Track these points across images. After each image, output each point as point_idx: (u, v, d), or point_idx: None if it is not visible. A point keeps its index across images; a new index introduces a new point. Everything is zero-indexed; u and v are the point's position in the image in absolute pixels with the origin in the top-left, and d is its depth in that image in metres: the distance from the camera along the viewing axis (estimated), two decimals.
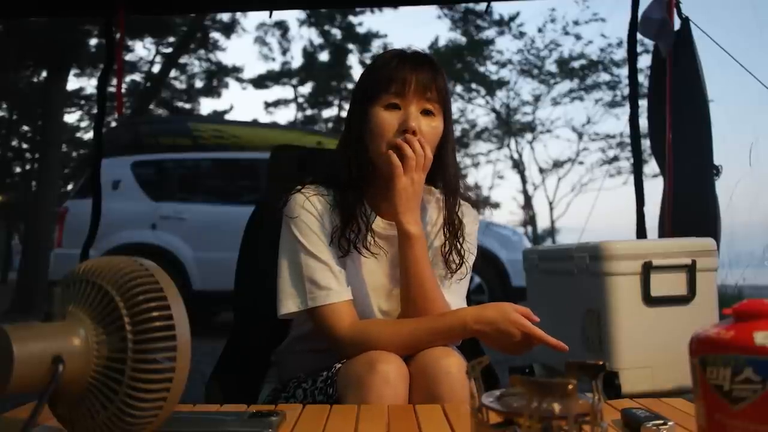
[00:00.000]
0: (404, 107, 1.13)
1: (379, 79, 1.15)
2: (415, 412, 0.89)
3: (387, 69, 1.15)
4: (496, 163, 22.28)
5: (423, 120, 1.14)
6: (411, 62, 1.15)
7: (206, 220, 5.58)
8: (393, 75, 1.13)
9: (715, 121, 2.45)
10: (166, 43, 13.26)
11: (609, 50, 14.26)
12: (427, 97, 1.14)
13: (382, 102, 1.14)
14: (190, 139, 6.31)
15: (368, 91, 1.17)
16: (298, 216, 1.15)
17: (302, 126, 17.27)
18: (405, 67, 1.14)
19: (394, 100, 1.13)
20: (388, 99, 1.14)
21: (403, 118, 1.12)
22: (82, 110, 15.63)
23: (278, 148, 1.54)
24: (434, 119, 1.15)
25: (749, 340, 0.52)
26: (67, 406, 0.66)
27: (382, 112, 1.14)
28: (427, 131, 1.13)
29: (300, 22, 17.64)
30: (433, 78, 1.14)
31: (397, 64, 1.15)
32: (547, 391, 0.51)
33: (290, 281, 1.14)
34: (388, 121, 1.13)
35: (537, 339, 1.05)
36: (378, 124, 1.14)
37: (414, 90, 1.13)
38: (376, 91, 1.15)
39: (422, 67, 1.14)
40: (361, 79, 1.21)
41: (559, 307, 2.10)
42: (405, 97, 1.13)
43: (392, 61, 1.16)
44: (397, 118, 1.13)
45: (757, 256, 3.39)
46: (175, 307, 0.66)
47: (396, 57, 1.17)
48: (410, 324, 1.09)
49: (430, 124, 1.14)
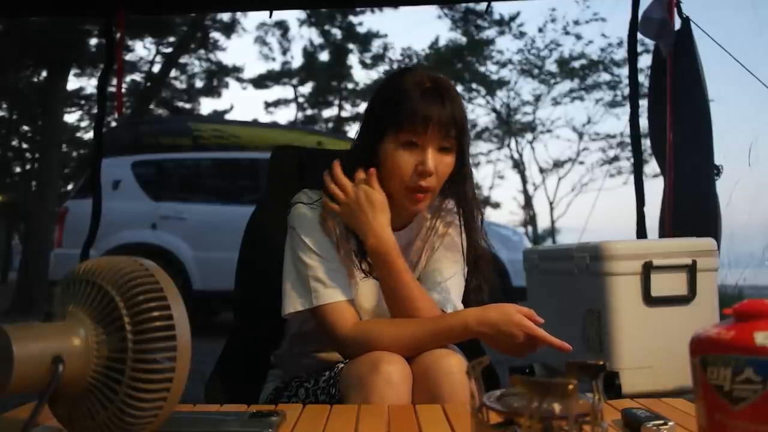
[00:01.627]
0: (423, 146, 1.11)
1: (399, 112, 1.11)
2: (416, 412, 0.89)
3: (409, 103, 1.10)
4: (496, 163, 22.32)
5: (439, 159, 1.12)
6: (434, 97, 1.11)
7: (206, 220, 5.58)
8: (415, 111, 1.09)
9: (715, 121, 2.45)
10: (166, 43, 13.27)
11: (609, 50, 14.26)
12: (446, 135, 1.12)
13: (400, 138, 1.11)
14: (190, 139, 6.31)
15: (386, 120, 1.13)
16: (302, 219, 1.16)
17: (302, 126, 17.26)
18: (427, 102, 1.10)
19: (413, 139, 1.11)
20: (408, 137, 1.11)
21: (420, 159, 1.11)
22: (82, 110, 15.64)
23: (278, 148, 1.54)
24: (449, 155, 1.14)
25: (750, 341, 0.52)
26: (67, 406, 0.66)
27: (400, 151, 1.11)
28: (441, 169, 1.13)
29: (300, 21, 17.67)
30: (453, 115, 1.11)
31: (419, 98, 1.10)
32: (547, 391, 0.51)
33: (295, 281, 1.14)
34: (405, 161, 1.11)
35: (541, 340, 1.05)
36: (396, 163, 1.12)
37: (434, 129, 1.10)
38: (395, 125, 1.11)
39: (444, 103, 1.11)
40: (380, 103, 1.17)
41: (559, 307, 2.10)
42: (424, 135, 1.10)
43: (414, 93, 1.11)
44: (415, 158, 1.11)
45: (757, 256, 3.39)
46: (175, 307, 0.66)
47: (418, 88, 1.12)
48: (412, 324, 1.09)
49: (445, 162, 1.14)
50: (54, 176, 9.79)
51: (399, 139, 1.11)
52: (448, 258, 1.24)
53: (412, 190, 1.12)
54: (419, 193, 1.12)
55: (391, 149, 1.12)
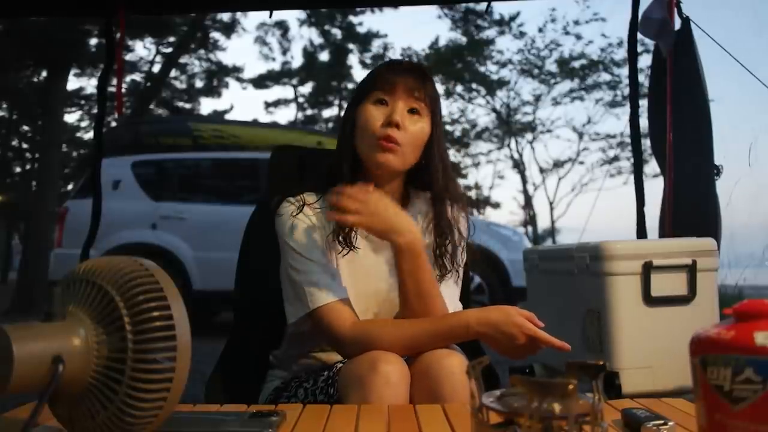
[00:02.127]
0: (391, 103, 1.18)
1: (368, 80, 1.23)
2: (416, 412, 0.89)
3: (377, 71, 1.23)
4: (496, 163, 22.26)
5: (409, 118, 1.17)
6: (400, 66, 1.21)
7: (206, 220, 5.58)
8: (382, 74, 1.20)
9: (715, 121, 2.44)
10: (166, 42, 13.27)
11: (609, 50, 14.25)
12: (415, 97, 1.18)
13: (370, 99, 1.19)
14: (190, 138, 6.31)
15: (359, 91, 1.23)
16: (286, 227, 1.17)
17: (302, 126, 17.27)
18: (394, 69, 1.20)
19: (383, 97, 1.18)
20: (376, 95, 1.19)
21: (389, 112, 1.16)
22: (82, 110, 15.65)
23: (279, 148, 1.54)
24: (420, 120, 1.19)
25: (750, 341, 0.52)
26: (67, 406, 0.66)
27: (369, 106, 1.19)
28: (411, 129, 1.17)
29: (300, 21, 17.68)
30: (422, 82, 1.19)
31: (386, 67, 1.22)
32: (547, 391, 0.51)
33: (291, 289, 1.15)
34: (374, 114, 1.17)
35: (542, 342, 1.05)
36: (365, 118, 1.18)
37: (401, 89, 1.17)
38: (365, 89, 1.21)
39: (411, 72, 1.20)
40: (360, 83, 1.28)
41: (559, 307, 2.09)
42: (393, 94, 1.18)
43: (383, 66, 1.24)
44: (384, 112, 1.17)
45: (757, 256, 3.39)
46: (175, 307, 0.66)
47: (387, 62, 1.26)
48: (412, 325, 1.09)
49: (416, 123, 1.18)
50: (54, 176, 9.79)
51: (371, 100, 1.19)
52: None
53: (381, 138, 1.15)
54: (387, 141, 1.15)
55: (364, 108, 1.19)
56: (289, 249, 1.15)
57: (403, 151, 1.17)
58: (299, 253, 1.14)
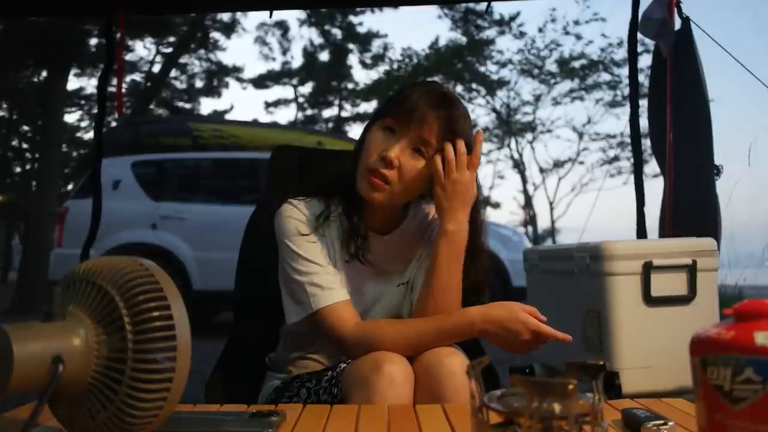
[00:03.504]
0: (398, 136, 1.10)
1: (392, 102, 1.13)
2: (416, 412, 0.89)
3: (405, 94, 1.12)
4: (496, 163, 22.25)
5: (409, 157, 1.10)
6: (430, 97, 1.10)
7: (206, 220, 5.58)
8: (405, 100, 1.10)
9: (715, 121, 2.45)
10: (166, 42, 13.28)
11: (609, 50, 14.24)
12: (426, 139, 1.09)
13: (383, 123, 1.12)
14: (190, 139, 6.31)
15: (380, 110, 1.16)
16: (287, 228, 1.16)
17: (302, 126, 17.26)
18: (421, 98, 1.10)
19: (393, 126, 1.11)
20: (389, 122, 1.11)
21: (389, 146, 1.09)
22: (82, 110, 15.65)
23: (278, 148, 1.54)
24: (420, 160, 1.11)
25: (750, 341, 0.52)
26: (67, 406, 0.66)
27: (377, 132, 1.13)
28: (407, 169, 1.09)
29: (300, 21, 17.68)
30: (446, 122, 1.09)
31: (416, 93, 1.10)
32: (547, 391, 0.51)
33: (292, 290, 1.14)
34: (376, 142, 1.11)
35: (546, 336, 1.05)
36: (368, 142, 1.13)
37: (415, 123, 1.09)
38: (382, 109, 1.15)
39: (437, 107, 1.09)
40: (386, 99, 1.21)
41: (559, 307, 2.09)
42: (404, 126, 1.10)
43: (414, 90, 1.11)
44: (386, 143, 1.10)
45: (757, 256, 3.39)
46: (175, 307, 0.66)
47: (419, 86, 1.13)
48: (416, 324, 1.09)
49: (415, 166, 1.10)
50: (54, 176, 9.79)
51: (382, 123, 1.13)
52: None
53: (370, 171, 1.10)
54: (375, 177, 1.09)
55: (372, 131, 1.14)
56: (289, 250, 1.15)
57: (391, 190, 1.10)
58: (300, 255, 1.13)
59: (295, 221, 1.16)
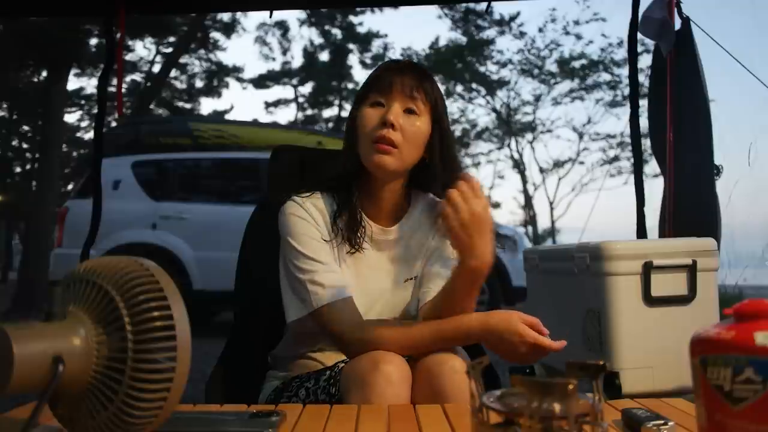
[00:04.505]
0: (387, 104, 1.17)
1: (366, 83, 1.22)
2: (416, 411, 0.89)
3: (375, 73, 1.22)
4: (496, 163, 22.33)
5: (405, 118, 1.17)
6: (397, 66, 1.21)
7: (206, 220, 5.58)
8: (378, 76, 1.20)
9: (715, 121, 2.44)
10: (166, 43, 13.29)
11: (609, 50, 14.27)
12: (412, 96, 1.17)
13: (368, 101, 1.19)
14: (190, 138, 6.31)
15: (358, 95, 1.23)
16: (290, 225, 1.16)
17: (302, 126, 17.26)
18: (390, 70, 1.20)
19: (379, 98, 1.18)
20: (374, 97, 1.18)
21: (384, 113, 1.16)
22: (82, 110, 15.67)
23: (278, 148, 1.54)
24: (418, 119, 1.17)
25: (750, 341, 0.52)
26: (68, 406, 0.66)
27: (366, 109, 1.18)
28: (408, 129, 1.16)
29: (300, 21, 17.69)
30: (418, 81, 1.18)
31: (384, 68, 1.22)
32: (547, 391, 0.51)
33: (293, 288, 1.15)
34: (370, 116, 1.17)
35: (544, 349, 1.05)
36: (362, 120, 1.18)
37: (397, 89, 1.17)
38: (363, 93, 1.21)
39: (408, 71, 1.19)
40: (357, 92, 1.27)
41: (559, 307, 2.09)
42: (388, 95, 1.17)
43: (379, 67, 1.23)
44: (380, 114, 1.17)
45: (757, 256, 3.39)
46: (175, 307, 0.66)
47: (383, 63, 1.25)
48: (416, 327, 1.09)
49: (413, 123, 1.17)
50: (54, 176, 9.78)
51: (367, 102, 1.19)
52: (444, 260, 1.24)
53: (376, 140, 1.15)
54: (382, 143, 1.15)
55: (361, 111, 1.19)
56: (291, 248, 1.15)
57: (400, 152, 1.15)
58: (303, 252, 1.14)
59: (298, 218, 1.17)
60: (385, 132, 1.14)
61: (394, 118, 1.14)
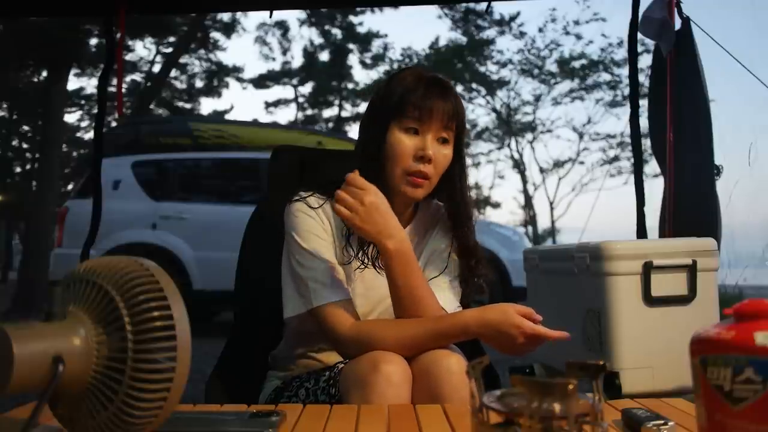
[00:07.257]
0: (422, 133, 1.16)
1: (403, 102, 1.16)
2: (416, 412, 0.89)
3: (413, 95, 1.15)
4: (496, 163, 22.31)
5: (437, 147, 1.17)
6: (436, 91, 1.16)
7: (206, 220, 5.58)
8: (419, 102, 1.15)
9: (715, 121, 2.44)
10: (166, 43, 13.29)
11: (609, 50, 14.27)
12: (446, 126, 1.16)
13: (402, 124, 1.16)
14: (190, 138, 6.31)
15: (389, 111, 1.17)
16: (297, 222, 1.16)
17: (302, 126, 17.26)
18: (431, 95, 1.15)
19: (414, 125, 1.16)
20: (409, 123, 1.16)
21: (421, 145, 1.15)
22: (82, 110, 15.68)
23: (278, 148, 1.54)
24: (447, 147, 1.18)
25: (750, 341, 0.52)
26: (68, 406, 0.66)
27: (401, 134, 1.16)
28: (440, 160, 1.17)
29: (300, 21, 17.69)
30: (455, 108, 1.17)
31: (423, 92, 1.15)
32: (547, 391, 0.51)
33: (294, 284, 1.15)
34: (407, 145, 1.15)
35: (541, 337, 1.05)
36: (397, 149, 1.15)
37: (436, 119, 1.15)
38: (397, 113, 1.16)
39: (446, 96, 1.17)
40: (381, 97, 1.20)
41: (559, 307, 2.09)
42: (426, 124, 1.15)
43: (418, 87, 1.16)
44: (415, 144, 1.15)
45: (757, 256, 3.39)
46: (175, 307, 0.66)
47: (420, 82, 1.17)
48: (413, 325, 1.09)
49: (443, 153, 1.17)
50: (54, 176, 9.78)
51: (402, 126, 1.16)
52: (444, 260, 1.24)
53: (412, 174, 1.15)
54: (418, 177, 1.15)
55: (394, 136, 1.16)
56: (295, 244, 1.15)
57: (430, 183, 1.18)
58: (307, 250, 1.14)
59: (306, 215, 1.17)
60: (422, 167, 1.15)
61: (433, 153, 1.15)
